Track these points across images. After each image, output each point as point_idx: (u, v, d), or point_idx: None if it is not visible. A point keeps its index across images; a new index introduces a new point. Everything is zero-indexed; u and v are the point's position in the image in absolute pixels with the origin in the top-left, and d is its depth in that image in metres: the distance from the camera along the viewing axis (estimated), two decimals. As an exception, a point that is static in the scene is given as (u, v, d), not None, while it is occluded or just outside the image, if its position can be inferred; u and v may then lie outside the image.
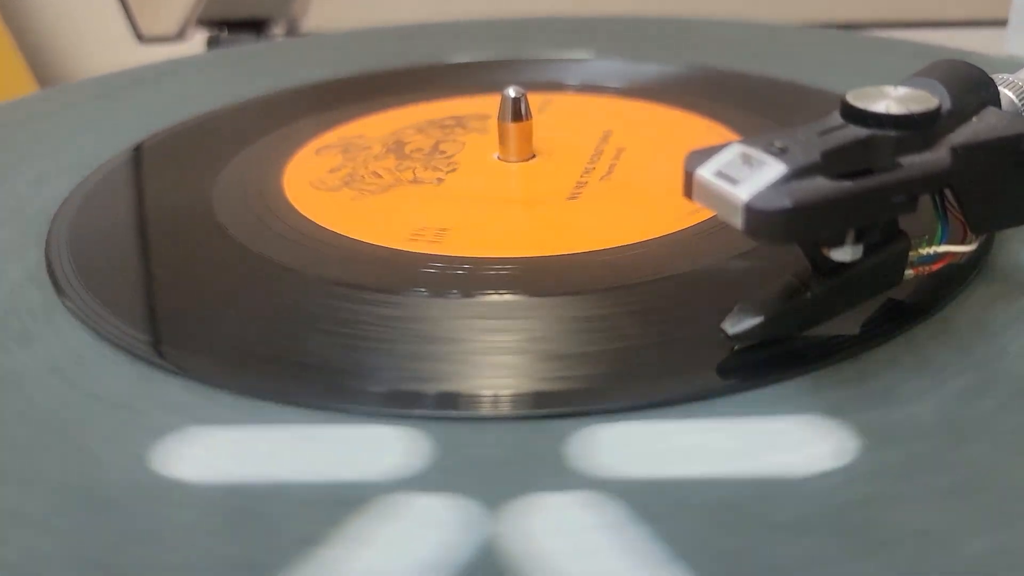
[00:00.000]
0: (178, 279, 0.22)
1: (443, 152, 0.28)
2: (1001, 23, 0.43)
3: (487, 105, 0.33)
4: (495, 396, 0.17)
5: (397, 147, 0.29)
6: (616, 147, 0.28)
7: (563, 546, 0.14)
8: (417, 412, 0.16)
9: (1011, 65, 0.22)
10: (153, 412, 0.17)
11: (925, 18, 0.63)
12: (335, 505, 0.14)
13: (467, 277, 0.21)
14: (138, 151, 0.31)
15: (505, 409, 0.17)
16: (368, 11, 0.71)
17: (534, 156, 0.28)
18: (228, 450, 0.16)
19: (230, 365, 0.18)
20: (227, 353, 0.18)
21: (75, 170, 0.29)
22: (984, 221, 0.18)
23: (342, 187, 0.26)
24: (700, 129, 0.30)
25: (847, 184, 0.15)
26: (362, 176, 0.27)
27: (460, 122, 0.31)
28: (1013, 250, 0.21)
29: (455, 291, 0.20)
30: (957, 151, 0.17)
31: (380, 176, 0.26)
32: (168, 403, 0.17)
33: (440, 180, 0.26)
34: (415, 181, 0.26)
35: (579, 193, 0.25)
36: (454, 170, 0.27)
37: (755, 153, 0.16)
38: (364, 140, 0.29)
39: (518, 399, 0.17)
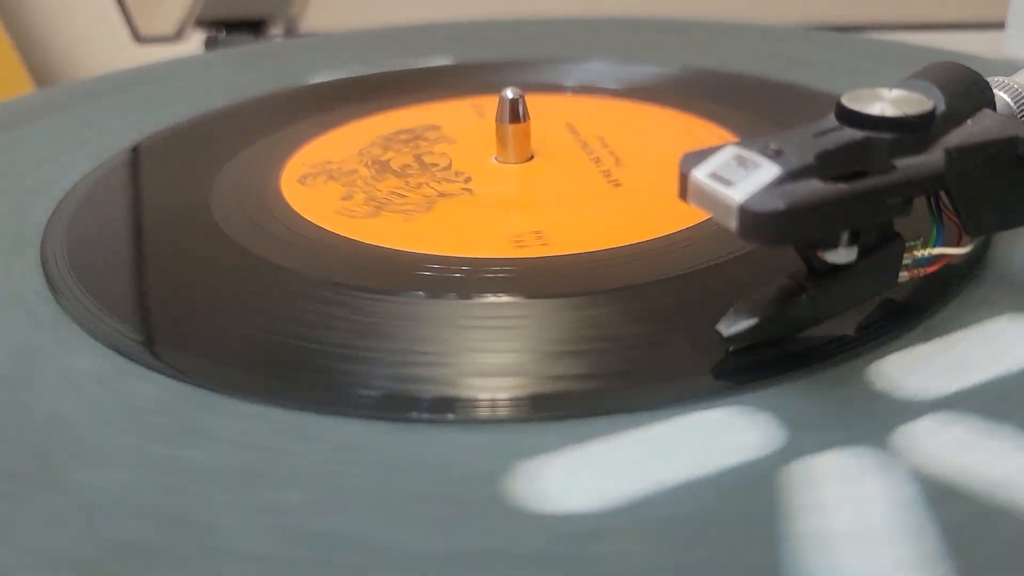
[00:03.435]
0: (175, 280, 0.22)
1: (436, 164, 0.28)
2: (999, 25, 0.43)
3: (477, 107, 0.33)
4: (492, 399, 0.17)
5: (382, 167, 0.28)
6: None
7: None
8: (412, 415, 0.16)
9: (1009, 67, 0.22)
10: (149, 414, 0.17)
11: (923, 20, 0.64)
12: (339, 504, 0.15)
13: (465, 278, 0.21)
14: (135, 152, 0.31)
15: (502, 412, 0.17)
16: (366, 12, 0.71)
17: (532, 157, 0.28)
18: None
19: (227, 366, 0.18)
20: (224, 354, 0.18)
21: (72, 170, 0.29)
22: (979, 223, 0.18)
23: (379, 213, 0.24)
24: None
25: (841, 186, 0.16)
26: (387, 200, 0.25)
27: (416, 135, 0.30)
28: (1011, 253, 0.21)
29: (453, 293, 0.20)
30: (951, 153, 0.17)
31: (405, 196, 0.25)
32: (164, 405, 0.17)
33: (468, 190, 0.26)
34: (443, 195, 0.26)
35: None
36: (469, 178, 0.27)
37: (750, 155, 0.16)
38: (338, 166, 0.28)
39: (515, 402, 0.17)
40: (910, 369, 0.17)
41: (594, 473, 0.15)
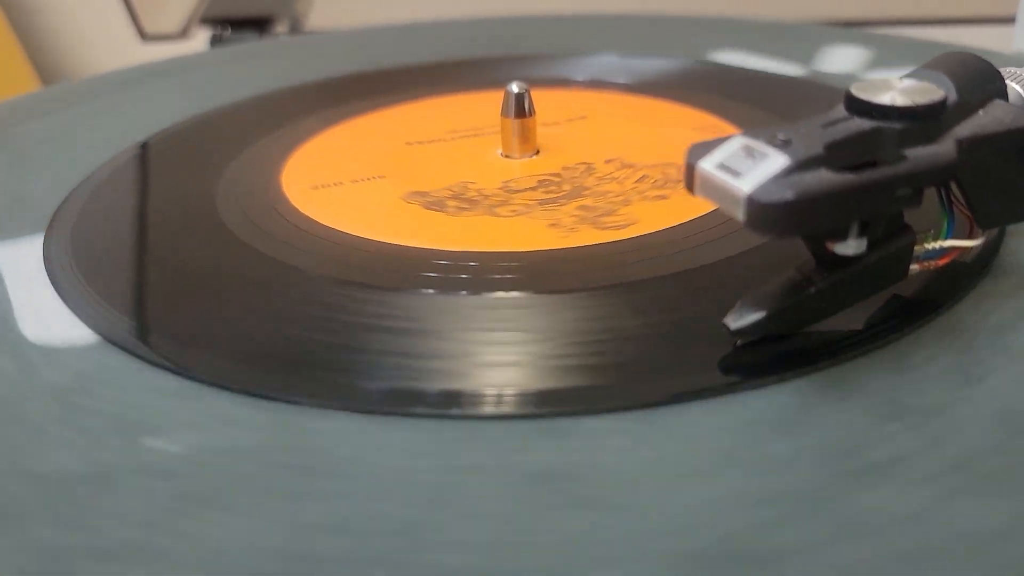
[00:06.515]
0: (180, 277, 0.22)
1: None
2: (1010, 20, 0.43)
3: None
4: (499, 395, 0.17)
5: None
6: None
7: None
8: (420, 410, 0.16)
9: (1021, 62, 0.21)
10: (153, 410, 0.17)
11: (934, 15, 0.63)
12: (334, 503, 0.14)
13: (473, 274, 0.21)
14: (141, 149, 0.31)
15: (508, 408, 0.16)
16: (371, 9, 0.71)
17: (538, 152, 0.28)
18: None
19: (233, 363, 0.18)
20: (230, 351, 0.18)
21: (78, 168, 0.29)
22: (990, 215, 0.18)
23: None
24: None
25: (851, 176, 0.15)
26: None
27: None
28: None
29: (462, 289, 0.20)
30: (962, 144, 0.17)
31: None
32: (169, 401, 0.17)
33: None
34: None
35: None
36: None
37: (758, 145, 0.16)
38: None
39: (521, 397, 0.17)
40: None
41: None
